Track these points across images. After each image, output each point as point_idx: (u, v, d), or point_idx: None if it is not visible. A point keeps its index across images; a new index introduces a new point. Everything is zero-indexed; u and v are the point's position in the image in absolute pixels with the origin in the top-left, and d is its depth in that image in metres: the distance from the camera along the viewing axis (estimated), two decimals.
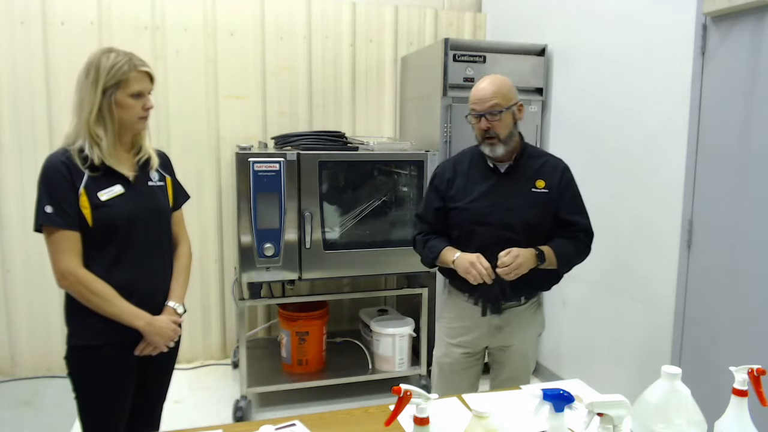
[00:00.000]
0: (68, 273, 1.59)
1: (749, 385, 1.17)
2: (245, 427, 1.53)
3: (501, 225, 1.89)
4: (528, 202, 1.91)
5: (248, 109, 3.60)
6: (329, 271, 3.03)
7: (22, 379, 3.38)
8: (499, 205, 1.90)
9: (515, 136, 1.92)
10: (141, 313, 1.67)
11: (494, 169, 1.95)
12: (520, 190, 1.91)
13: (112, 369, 1.68)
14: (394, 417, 1.18)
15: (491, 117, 1.84)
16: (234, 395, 3.11)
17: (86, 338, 1.65)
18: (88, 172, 1.61)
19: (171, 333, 1.73)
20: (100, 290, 1.61)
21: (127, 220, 1.65)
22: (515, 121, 1.91)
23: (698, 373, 2.24)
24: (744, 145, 2.14)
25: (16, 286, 3.36)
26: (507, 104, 1.86)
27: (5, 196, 3.29)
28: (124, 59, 1.62)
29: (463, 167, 2.00)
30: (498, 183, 1.93)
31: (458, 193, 1.97)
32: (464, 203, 1.94)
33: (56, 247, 1.59)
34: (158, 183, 1.78)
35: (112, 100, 1.62)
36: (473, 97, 1.89)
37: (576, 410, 1.21)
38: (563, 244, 1.93)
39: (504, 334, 2.01)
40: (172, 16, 3.41)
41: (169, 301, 1.77)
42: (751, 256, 2.12)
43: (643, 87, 2.64)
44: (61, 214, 1.58)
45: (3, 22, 3.18)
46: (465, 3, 4.05)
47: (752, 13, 2.08)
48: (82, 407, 1.69)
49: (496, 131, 1.86)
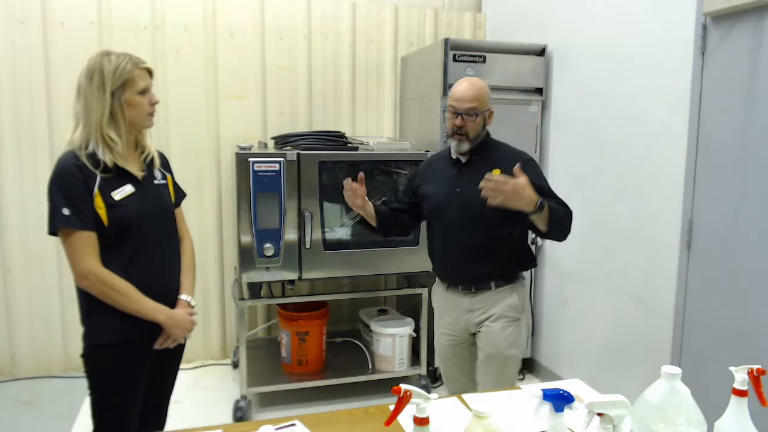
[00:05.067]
0: (89, 273, 1.62)
1: (749, 385, 1.17)
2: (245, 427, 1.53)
3: (459, 210, 2.06)
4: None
5: (248, 109, 3.60)
6: (329, 271, 3.03)
7: (22, 379, 3.38)
8: (456, 193, 2.08)
9: (481, 137, 2.09)
10: (161, 307, 1.73)
11: (456, 161, 2.13)
12: (477, 179, 1.92)
13: (131, 364, 1.73)
14: (394, 417, 1.18)
15: (467, 117, 2.03)
16: (234, 395, 3.11)
17: (108, 336, 1.69)
18: (100, 173, 1.64)
19: (189, 325, 1.81)
20: (122, 288, 1.65)
21: (139, 219, 1.70)
22: (484, 125, 2.10)
23: (698, 373, 2.24)
24: (744, 145, 2.14)
25: (16, 286, 3.36)
26: (482, 109, 2.05)
27: (5, 196, 3.29)
28: (125, 59, 1.66)
29: (433, 163, 2.26)
30: (458, 173, 2.11)
31: (424, 182, 2.21)
32: (428, 191, 2.17)
33: (75, 248, 1.62)
34: (162, 181, 1.84)
35: (122, 101, 1.66)
36: (454, 95, 2.05)
37: (576, 410, 1.21)
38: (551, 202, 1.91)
39: (477, 317, 2.13)
40: (172, 16, 3.41)
41: (182, 295, 1.83)
42: (751, 256, 2.12)
43: (643, 87, 2.64)
44: (78, 215, 1.60)
45: (3, 22, 3.19)
46: (465, 3, 4.05)
47: (752, 13, 2.08)
48: (98, 404, 1.73)
49: (467, 130, 2.04)
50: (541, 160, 3.38)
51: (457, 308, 2.17)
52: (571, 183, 3.12)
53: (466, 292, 2.13)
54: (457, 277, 2.16)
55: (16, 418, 2.96)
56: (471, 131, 2.04)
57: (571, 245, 3.17)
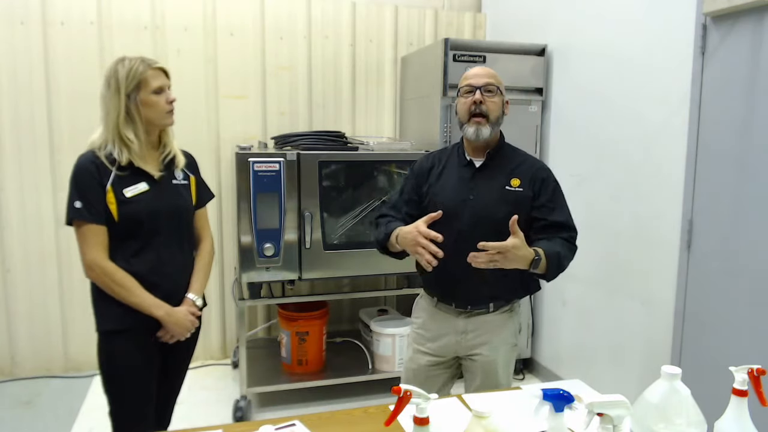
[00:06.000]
0: (94, 264, 1.71)
1: (749, 385, 1.17)
2: (245, 427, 1.53)
3: (471, 219, 1.82)
4: (500, 198, 1.83)
5: (248, 109, 3.60)
6: (329, 271, 3.03)
7: (22, 379, 3.38)
8: (470, 200, 1.84)
9: (499, 127, 1.87)
10: (160, 303, 1.77)
11: (470, 163, 1.89)
12: (494, 186, 1.84)
13: (136, 353, 1.77)
14: (394, 417, 1.18)
15: (486, 94, 1.79)
16: (234, 395, 3.11)
17: (111, 323, 1.76)
18: (115, 171, 1.72)
19: (188, 323, 1.84)
20: (122, 281, 1.72)
21: (150, 216, 1.76)
22: (503, 113, 1.86)
23: (698, 373, 2.24)
24: (744, 145, 2.14)
25: (16, 286, 3.35)
26: (501, 88, 1.83)
27: (5, 196, 3.29)
28: (137, 61, 1.74)
29: (442, 160, 1.96)
30: (472, 177, 1.87)
31: (433, 184, 1.92)
32: (436, 196, 1.90)
33: (84, 239, 1.71)
34: (182, 181, 1.90)
35: (138, 102, 1.73)
36: (468, 75, 1.84)
37: (576, 410, 1.21)
38: (553, 245, 1.78)
39: (470, 340, 1.90)
40: (172, 16, 3.41)
41: (188, 293, 1.87)
42: (751, 256, 2.12)
43: (643, 87, 2.64)
44: (89, 209, 1.69)
45: (3, 22, 3.19)
46: (465, 3, 4.05)
47: (752, 13, 2.08)
48: (112, 396, 1.79)
49: (487, 109, 1.79)
50: (541, 160, 3.37)
51: (447, 328, 1.92)
52: (571, 183, 3.12)
53: (460, 311, 1.90)
54: (454, 292, 1.89)
55: (16, 418, 2.96)
56: (492, 111, 1.79)
57: None
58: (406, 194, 1.99)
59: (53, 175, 3.30)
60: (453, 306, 1.90)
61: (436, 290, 1.95)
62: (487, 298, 1.88)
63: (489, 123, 1.80)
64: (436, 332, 1.94)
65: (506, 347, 1.91)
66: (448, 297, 1.91)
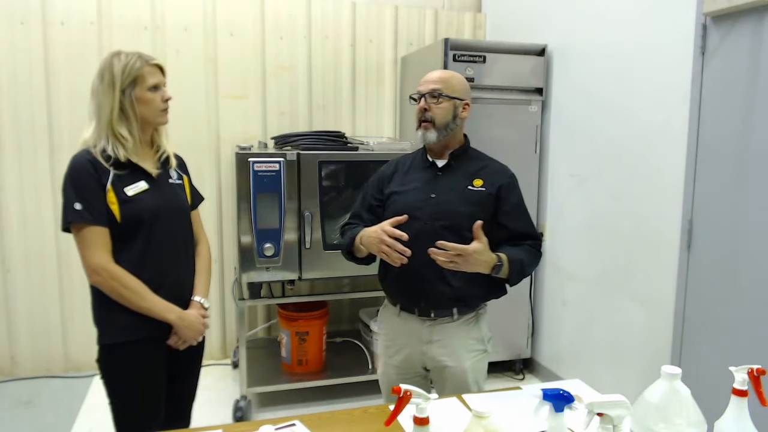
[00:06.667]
0: (100, 268, 1.61)
1: (749, 385, 1.17)
2: (245, 427, 1.53)
3: (432, 218, 1.82)
4: (462, 198, 1.84)
5: (248, 109, 3.60)
6: (329, 271, 3.03)
7: (22, 379, 3.38)
8: (431, 199, 1.84)
9: (453, 131, 1.87)
10: (172, 306, 1.70)
11: (432, 164, 1.91)
12: (456, 187, 1.85)
13: (145, 364, 1.70)
14: (394, 417, 1.18)
15: (430, 99, 1.83)
16: (234, 395, 3.11)
17: (120, 335, 1.67)
18: (113, 169, 1.64)
19: (200, 327, 1.78)
20: (132, 285, 1.64)
21: (152, 215, 1.68)
22: (455, 116, 1.86)
23: (698, 373, 2.24)
24: (744, 145, 2.14)
25: (16, 286, 3.35)
26: (449, 93, 1.84)
27: (5, 196, 3.29)
28: (134, 57, 1.67)
29: (404, 165, 1.98)
30: (434, 178, 1.89)
31: (395, 186, 1.93)
32: (398, 195, 1.90)
33: (86, 243, 1.61)
34: (177, 181, 1.83)
35: (132, 98, 1.66)
36: (421, 80, 1.88)
37: (576, 410, 1.21)
38: (517, 252, 1.79)
39: (435, 350, 1.86)
40: (172, 16, 3.41)
41: (195, 296, 1.81)
42: (751, 256, 2.12)
43: (643, 87, 2.64)
44: (90, 210, 1.60)
45: (3, 22, 3.19)
46: (465, 3, 4.05)
47: (752, 13, 2.08)
48: (118, 409, 1.70)
49: (432, 114, 1.83)
50: (541, 160, 3.38)
51: (411, 338, 1.89)
52: (571, 183, 3.12)
53: (423, 319, 1.86)
54: (415, 297, 1.86)
55: (16, 418, 2.96)
56: (437, 117, 1.82)
57: (571, 245, 3.18)
58: (367, 201, 2.00)
59: (53, 175, 3.30)
60: (416, 314, 1.87)
61: (398, 296, 1.93)
62: (450, 301, 1.84)
63: (435, 128, 1.83)
64: (401, 343, 1.93)
65: (473, 355, 1.88)
66: (411, 302, 1.88)
